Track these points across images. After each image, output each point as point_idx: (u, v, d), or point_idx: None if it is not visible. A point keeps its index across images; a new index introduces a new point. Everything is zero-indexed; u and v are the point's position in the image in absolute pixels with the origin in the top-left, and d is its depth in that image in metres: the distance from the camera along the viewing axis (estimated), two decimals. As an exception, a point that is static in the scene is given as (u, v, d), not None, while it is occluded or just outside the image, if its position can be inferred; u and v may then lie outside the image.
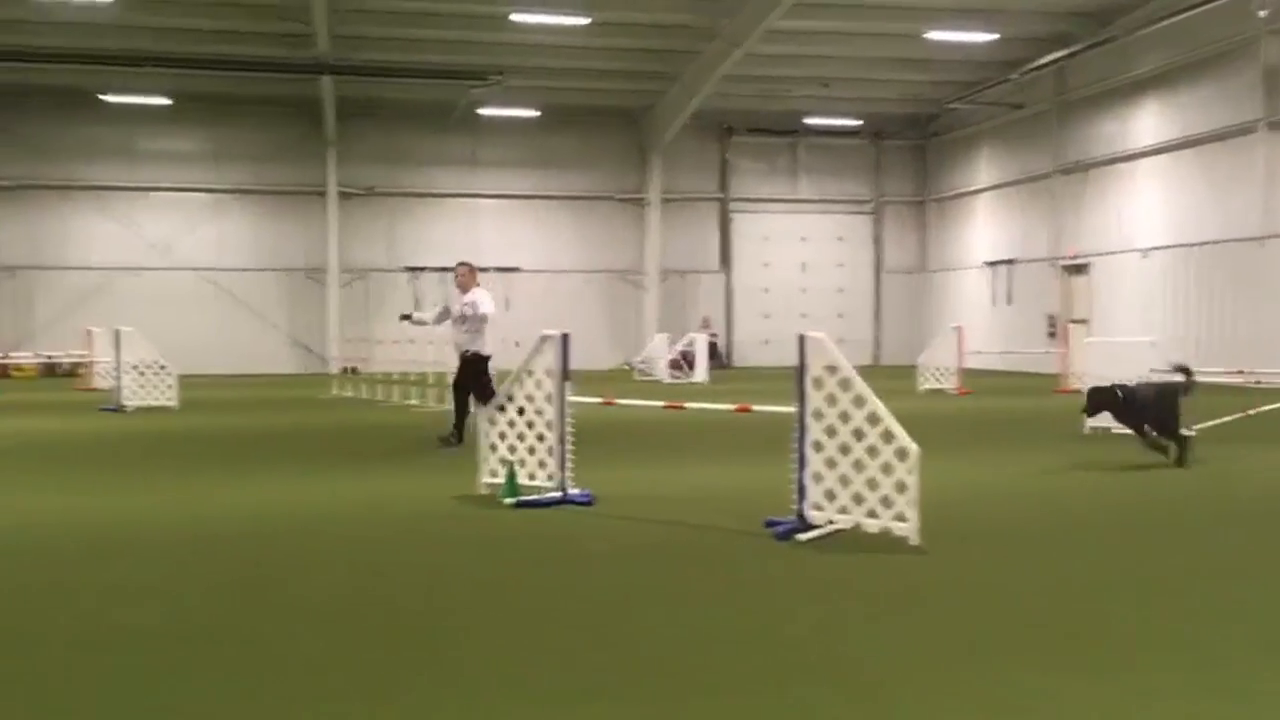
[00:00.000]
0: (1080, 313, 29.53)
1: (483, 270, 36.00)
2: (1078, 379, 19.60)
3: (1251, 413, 12.46)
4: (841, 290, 39.06)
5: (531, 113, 34.74)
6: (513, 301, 36.02)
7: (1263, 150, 23.65)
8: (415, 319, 15.02)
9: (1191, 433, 10.63)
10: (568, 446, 8.64)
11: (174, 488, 9.72)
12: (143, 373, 19.25)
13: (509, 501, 8.47)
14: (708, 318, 36.48)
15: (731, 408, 8.57)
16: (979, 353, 26.49)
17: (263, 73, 30.19)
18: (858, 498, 6.98)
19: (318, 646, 4.81)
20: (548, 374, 8.70)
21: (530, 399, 8.74)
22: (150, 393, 19.14)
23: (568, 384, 8.67)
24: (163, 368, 19.31)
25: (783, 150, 38.51)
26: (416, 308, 31.27)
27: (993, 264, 34.65)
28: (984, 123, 34.96)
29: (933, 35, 27.98)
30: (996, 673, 4.40)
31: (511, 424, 8.84)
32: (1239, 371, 17.41)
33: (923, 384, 22.67)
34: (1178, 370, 10.88)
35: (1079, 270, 30.16)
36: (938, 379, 22.75)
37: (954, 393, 22.07)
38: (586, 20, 26.92)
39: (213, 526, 7.79)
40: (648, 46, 30.40)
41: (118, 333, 19.48)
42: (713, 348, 32.30)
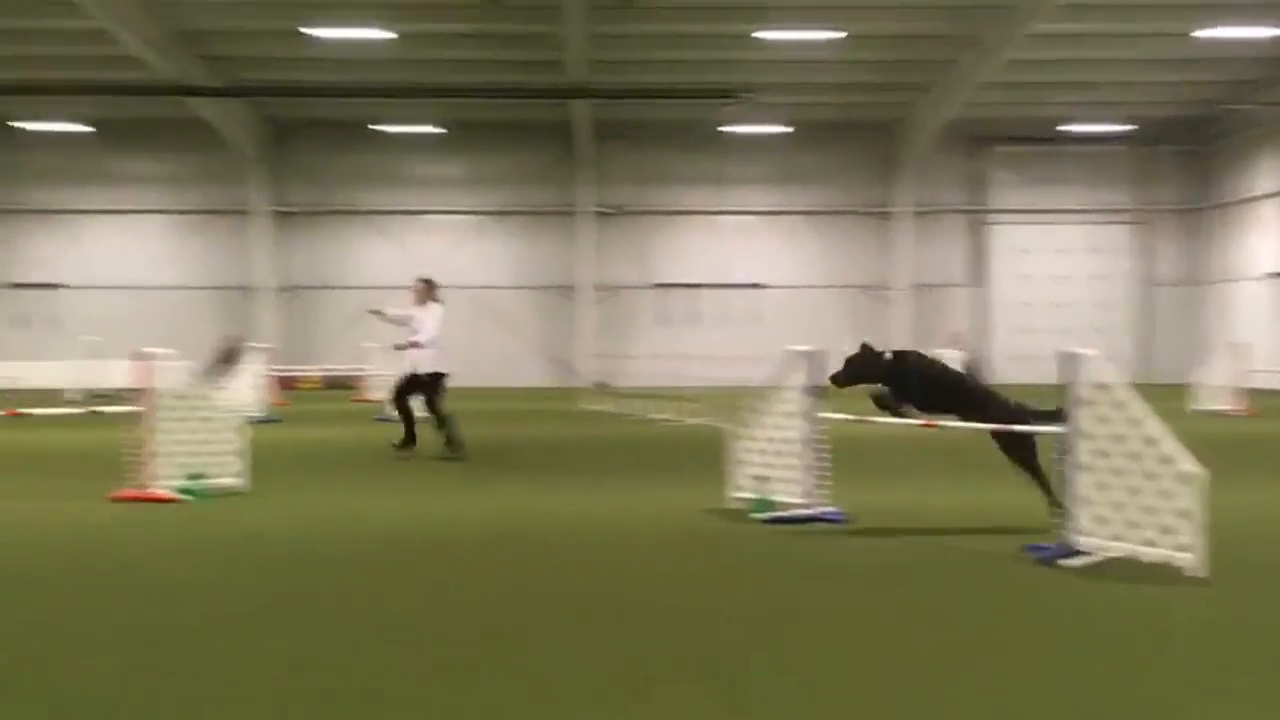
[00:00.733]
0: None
1: (729, 287, 36.49)
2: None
3: None
4: (1100, 304, 37.03)
5: (780, 128, 34.77)
6: (759, 318, 36.17)
7: None
8: (382, 314, 15.05)
9: None
10: (819, 463, 8.59)
11: (439, 495, 10.28)
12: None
13: (759, 517, 8.50)
14: (958, 333, 35.33)
15: (988, 427, 8.26)
16: (1263, 371, 24.49)
17: (524, 99, 31.58)
18: (1132, 524, 6.56)
19: (575, 648, 4.97)
20: (798, 390, 8.68)
21: (781, 415, 8.74)
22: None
23: (818, 400, 8.63)
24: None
25: (1040, 159, 36.94)
26: (666, 324, 31.87)
27: (1278, 275, 31.99)
28: (1268, 125, 32.33)
29: (1204, 33, 26.19)
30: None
31: (762, 440, 8.87)
32: None
33: (1197, 404, 21.17)
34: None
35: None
36: (1215, 399, 21.18)
37: (1234, 413, 20.49)
38: (840, 35, 26.76)
39: (475, 530, 8.19)
40: (900, 58, 29.88)
41: (394, 348, 20.72)
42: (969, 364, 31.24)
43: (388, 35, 26.68)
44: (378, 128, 34.67)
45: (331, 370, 34.09)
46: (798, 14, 26.39)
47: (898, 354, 8.56)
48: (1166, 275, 36.96)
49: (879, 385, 8.20)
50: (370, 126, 34.59)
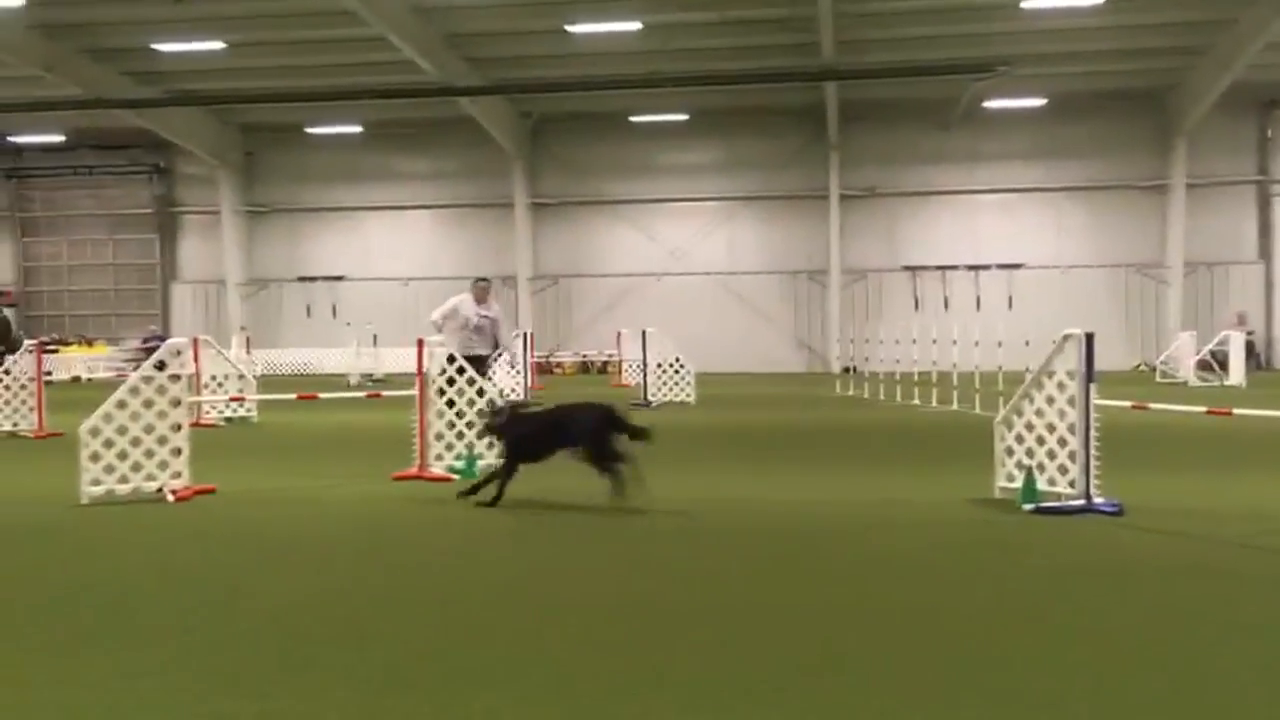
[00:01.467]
0: None
1: (984, 268, 35.36)
2: None
3: None
4: None
5: (1038, 102, 33.23)
6: (1015, 299, 34.72)
7: None
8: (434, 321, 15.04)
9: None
10: (1092, 452, 8.18)
11: (699, 479, 10.43)
12: (664, 370, 20.85)
13: (1028, 507, 8.18)
14: (1243, 313, 32.77)
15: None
16: None
17: (771, 83, 31.50)
18: None
19: (847, 639, 4.95)
20: (1069, 375, 8.29)
21: (1050, 401, 8.38)
22: (671, 389, 20.68)
23: (1092, 386, 8.21)
24: (682, 366, 20.78)
25: (1340, 121, 33.72)
26: (917, 307, 31.17)
27: None
28: None
29: None
30: None
31: (1030, 426, 8.53)
32: None
33: None
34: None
35: None
36: None
37: None
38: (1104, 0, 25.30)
39: (732, 516, 8.26)
40: (1172, 20, 27.94)
41: (644, 334, 21.25)
42: (1249, 347, 28.98)
43: (635, 26, 27.17)
44: (628, 118, 35.42)
45: (586, 355, 35.23)
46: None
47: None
48: None
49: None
50: (621, 118, 35.39)
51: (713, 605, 5.59)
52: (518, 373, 21.75)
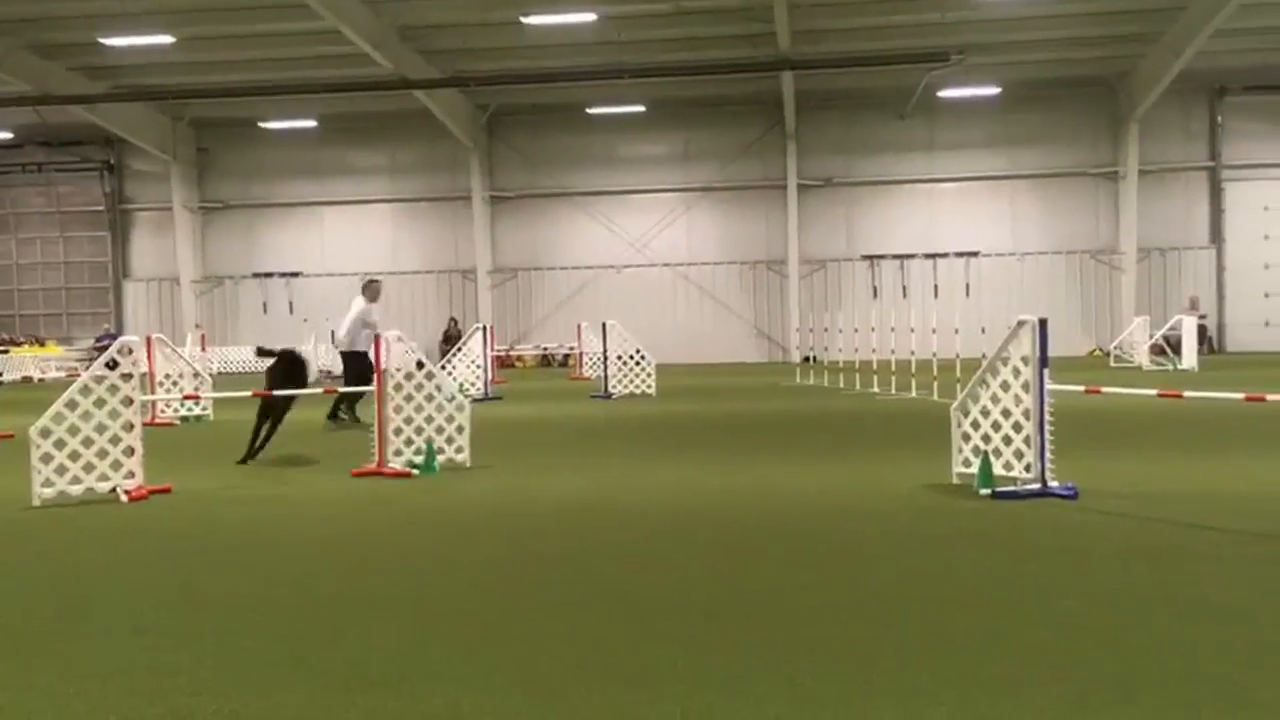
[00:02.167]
0: None
1: (941, 257, 35.59)
2: None
3: None
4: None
5: (992, 90, 33.51)
6: (972, 286, 35.04)
7: None
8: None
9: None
10: (1047, 436, 8.28)
11: (660, 470, 10.44)
12: (625, 362, 20.85)
13: (984, 492, 8.27)
14: (1195, 298, 33.29)
15: (1239, 396, 7.75)
16: None
17: (728, 74, 31.54)
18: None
19: (802, 630, 4.97)
20: (1024, 361, 8.38)
21: (1006, 386, 8.47)
22: (631, 381, 20.68)
23: (1046, 371, 8.31)
24: (642, 358, 20.78)
25: (1286, 107, 34.28)
26: (875, 296, 31.36)
27: None
28: None
29: None
30: None
31: (986, 412, 8.61)
32: None
33: None
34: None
35: None
36: None
37: None
38: (1055, -13, 25.55)
39: (698, 506, 8.28)
40: (1123, 8, 28.26)
41: (604, 326, 21.22)
42: (1201, 331, 29.45)
43: (591, 17, 27.07)
44: (585, 110, 35.34)
45: (546, 348, 35.17)
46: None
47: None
48: None
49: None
50: (578, 110, 35.30)
51: (674, 596, 5.60)
52: (478, 366, 21.67)
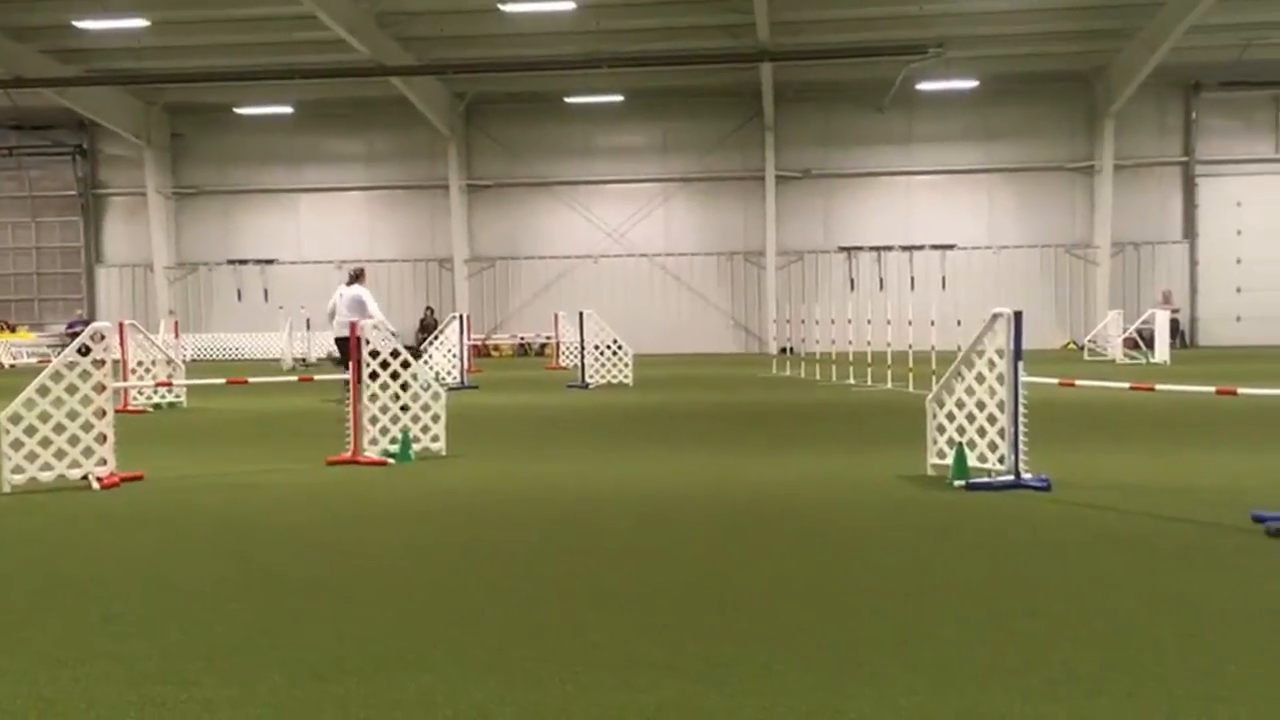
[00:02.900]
0: None
1: (918, 249, 35.68)
2: None
3: None
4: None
5: (970, 84, 33.60)
6: (948, 279, 35.20)
7: None
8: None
9: None
10: (1021, 428, 8.33)
11: (636, 460, 10.45)
12: (602, 352, 20.83)
13: (959, 483, 8.31)
14: (1168, 292, 33.57)
15: (1210, 390, 7.82)
16: None
17: (707, 64, 31.52)
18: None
19: (776, 620, 4.99)
20: (999, 354, 8.42)
21: (980, 379, 8.51)
22: (609, 371, 20.67)
23: (1020, 364, 8.36)
24: (620, 348, 20.78)
25: (1262, 104, 34.54)
26: (852, 288, 31.50)
27: None
28: None
29: None
30: None
31: (960, 404, 8.66)
32: None
33: None
34: None
35: None
36: None
37: None
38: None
39: (674, 496, 8.29)
40: (1101, 3, 28.41)
41: (581, 315, 21.20)
42: (1174, 325, 29.69)
43: (570, 6, 26.95)
44: (564, 99, 35.23)
45: (524, 338, 35.11)
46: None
47: None
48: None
49: None
50: (556, 99, 35.19)
51: (649, 585, 5.61)
52: (455, 355, 21.61)
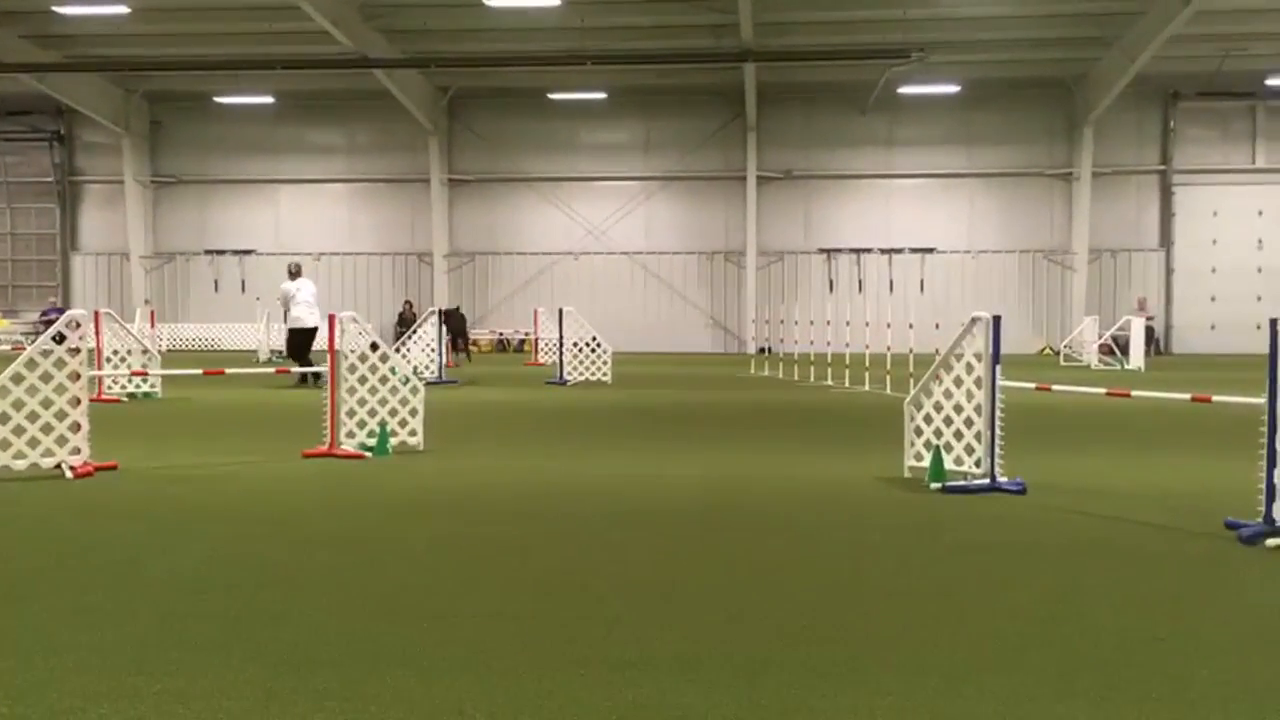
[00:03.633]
0: None
1: (897, 252, 35.78)
2: None
3: None
4: (1299, 271, 34.84)
5: (952, 88, 33.75)
6: (927, 282, 35.35)
7: None
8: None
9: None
10: (997, 432, 8.37)
11: (614, 457, 10.45)
12: (581, 349, 20.82)
13: (935, 486, 8.35)
14: (1144, 299, 33.84)
15: (1186, 397, 7.89)
16: None
17: (691, 63, 31.55)
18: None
19: (742, 614, 5.00)
20: (976, 357, 8.47)
21: (958, 382, 8.56)
22: (587, 368, 20.66)
23: (998, 368, 8.40)
24: (599, 345, 20.77)
25: (1239, 115, 34.86)
26: (831, 289, 31.66)
27: None
28: None
29: None
30: None
31: (938, 407, 8.70)
32: None
33: None
34: None
35: None
36: None
37: None
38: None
39: (649, 494, 8.29)
40: (1083, 11, 28.58)
41: (561, 312, 21.17)
42: (1149, 332, 29.91)
43: (555, 2, 26.89)
44: (547, 96, 35.18)
45: (503, 333, 35.03)
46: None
47: None
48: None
49: None
50: (540, 95, 35.13)
51: (626, 582, 5.61)
52: (433, 350, 21.53)
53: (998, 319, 8.42)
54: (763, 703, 3.86)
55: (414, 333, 22.08)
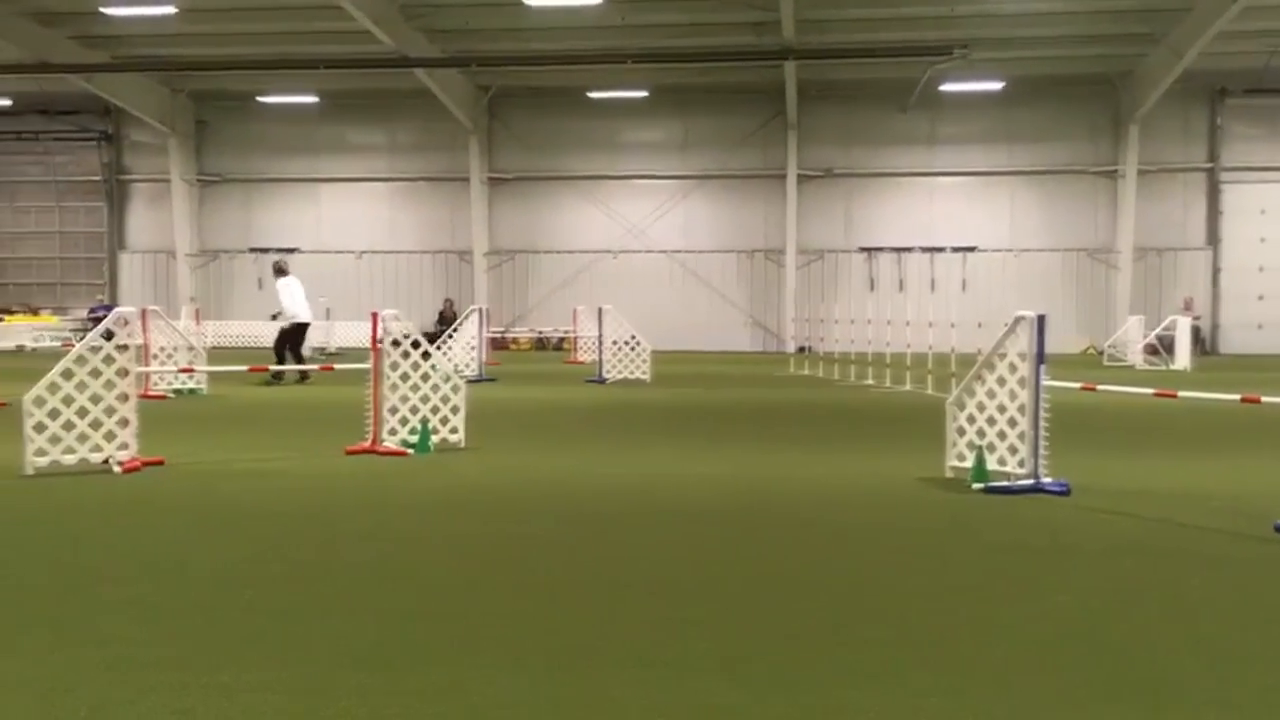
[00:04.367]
0: None
1: (939, 251, 35.44)
2: None
3: None
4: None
5: (995, 85, 33.41)
6: (969, 281, 35.05)
7: None
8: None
9: None
10: (1041, 432, 8.30)
11: (653, 456, 10.45)
12: (620, 347, 20.84)
13: (977, 486, 8.29)
14: (1190, 299, 33.35)
15: (1235, 398, 7.78)
16: None
17: (731, 61, 31.43)
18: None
19: (789, 619, 4.99)
20: (1020, 357, 8.40)
21: (1002, 382, 8.48)
22: (626, 366, 20.68)
23: (1043, 367, 8.32)
24: (638, 343, 20.78)
25: (1287, 111, 34.27)
26: (872, 288, 31.54)
27: None
28: None
29: None
30: None
31: (981, 407, 8.63)
32: None
33: None
34: None
35: None
36: None
37: None
38: (1060, -17, 25.46)
39: (692, 493, 8.29)
40: (1129, 7, 28.18)
41: (600, 310, 21.21)
42: (1195, 332, 29.48)
43: (596, 0, 26.90)
44: (586, 94, 35.22)
45: (542, 331, 35.14)
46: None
47: None
48: None
49: None
50: (579, 93, 35.18)
51: (666, 580, 5.62)
52: (473, 348, 21.65)
53: (1042, 318, 8.34)
54: (806, 703, 3.86)
55: (454, 330, 22.22)
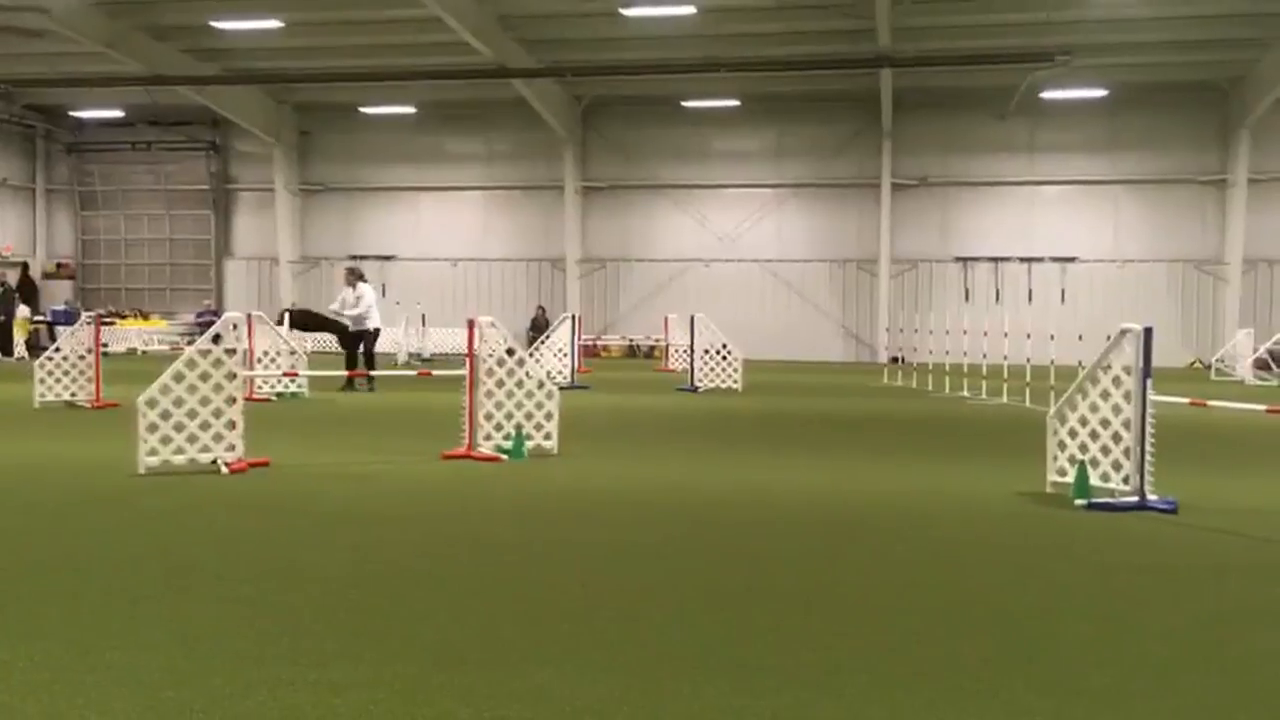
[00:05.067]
0: None
1: (1037, 261, 34.72)
2: None
3: None
4: None
5: (1098, 92, 32.63)
6: (1068, 292, 34.27)
7: None
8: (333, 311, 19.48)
9: None
10: (1148, 448, 8.08)
11: (748, 464, 10.42)
12: (711, 356, 20.82)
13: (1080, 502, 8.10)
14: (1302, 312, 32.10)
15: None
16: None
17: (825, 70, 31.22)
18: None
19: (878, 634, 4.94)
20: (1125, 370, 8.19)
21: (1105, 395, 8.28)
22: (718, 375, 20.65)
23: (1149, 381, 8.11)
24: (729, 352, 20.73)
25: None
26: (967, 298, 31.12)
27: None
28: None
29: None
30: None
31: (1084, 421, 8.44)
32: None
33: None
34: None
35: None
36: None
37: None
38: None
39: (784, 503, 8.25)
40: (1236, 11, 27.29)
41: (693, 319, 21.22)
42: (1310, 347, 28.39)
43: (690, 10, 26.97)
44: (680, 103, 35.31)
45: (633, 339, 35.29)
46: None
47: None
48: None
49: None
50: (673, 102, 35.28)
51: (761, 588, 5.60)
52: (565, 355, 21.82)
53: (1149, 331, 8.13)
54: (907, 717, 3.81)
55: (547, 338, 22.42)
